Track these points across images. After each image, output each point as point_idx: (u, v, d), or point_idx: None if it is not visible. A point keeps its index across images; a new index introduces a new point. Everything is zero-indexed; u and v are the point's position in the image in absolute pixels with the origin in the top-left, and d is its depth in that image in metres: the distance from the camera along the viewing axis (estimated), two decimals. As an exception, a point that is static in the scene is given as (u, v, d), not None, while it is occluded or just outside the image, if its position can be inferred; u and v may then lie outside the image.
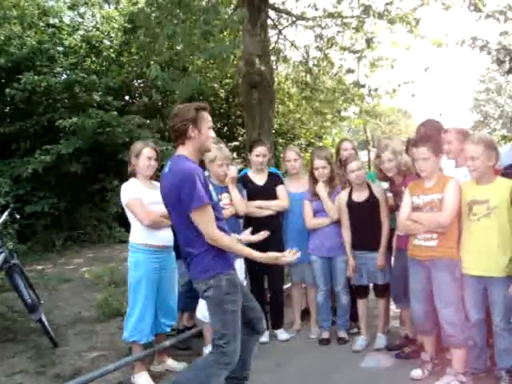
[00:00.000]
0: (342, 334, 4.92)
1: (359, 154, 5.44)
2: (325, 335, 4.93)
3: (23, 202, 9.40)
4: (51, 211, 10.07)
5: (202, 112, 3.24)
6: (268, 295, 5.20)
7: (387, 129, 21.06)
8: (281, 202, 4.99)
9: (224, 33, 9.54)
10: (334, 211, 4.78)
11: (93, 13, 13.57)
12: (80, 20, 13.14)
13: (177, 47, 9.51)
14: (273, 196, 5.00)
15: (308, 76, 11.87)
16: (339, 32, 10.92)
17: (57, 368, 4.34)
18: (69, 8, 12.92)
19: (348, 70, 11.53)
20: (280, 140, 14.64)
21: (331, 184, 4.90)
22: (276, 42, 11.20)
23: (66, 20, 12.76)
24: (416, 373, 4.01)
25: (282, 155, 5.50)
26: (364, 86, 11.52)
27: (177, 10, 8.45)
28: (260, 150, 5.05)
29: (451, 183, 3.78)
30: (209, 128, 3.27)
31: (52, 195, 10.25)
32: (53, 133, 10.53)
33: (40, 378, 4.18)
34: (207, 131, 3.25)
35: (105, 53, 12.64)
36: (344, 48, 11.08)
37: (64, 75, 11.59)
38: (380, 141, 5.09)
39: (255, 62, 8.36)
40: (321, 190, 4.82)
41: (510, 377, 3.63)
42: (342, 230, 4.77)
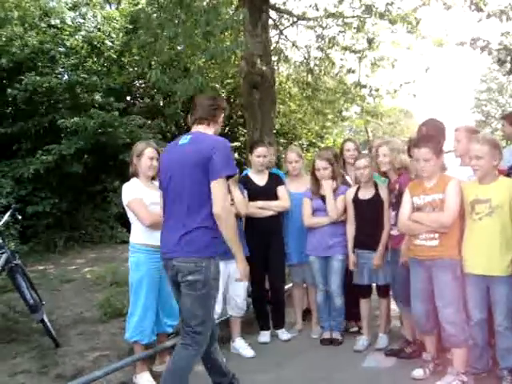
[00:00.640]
0: (337, 336, 4.90)
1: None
2: (326, 335, 4.92)
3: (25, 203, 9.40)
4: (53, 212, 10.07)
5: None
6: (269, 295, 5.21)
7: (388, 129, 21.02)
8: (282, 203, 5.00)
9: (225, 33, 9.53)
10: (335, 211, 4.78)
11: (94, 13, 13.57)
12: (81, 21, 13.14)
13: (178, 47, 9.53)
14: (274, 196, 5.01)
15: (309, 76, 11.88)
16: (340, 32, 10.94)
17: (59, 368, 4.33)
18: (70, 9, 12.92)
19: (349, 70, 11.55)
20: (281, 140, 14.64)
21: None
22: (277, 42, 11.21)
23: (68, 21, 12.77)
24: (417, 372, 4.00)
25: (284, 156, 5.51)
26: (365, 86, 11.53)
27: (178, 11, 8.46)
28: (260, 151, 5.06)
29: (452, 183, 3.79)
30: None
31: (53, 196, 10.26)
32: (54, 133, 10.55)
33: (42, 378, 4.17)
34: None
35: (106, 53, 12.64)
36: (345, 48, 11.10)
37: (65, 76, 11.62)
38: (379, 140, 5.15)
39: (256, 63, 8.38)
40: (327, 188, 4.83)
41: (512, 376, 3.64)
42: (347, 226, 4.81)
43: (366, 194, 4.73)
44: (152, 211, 4.02)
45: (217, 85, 12.83)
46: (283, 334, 5.07)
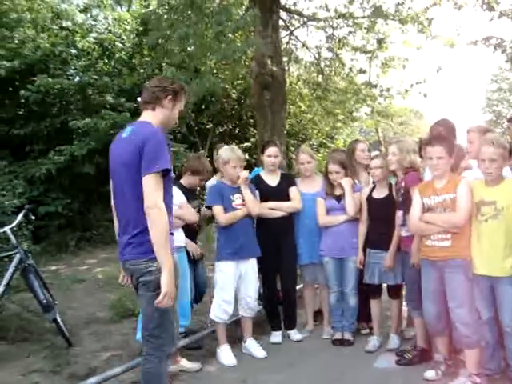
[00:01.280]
0: (348, 336, 4.90)
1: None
2: (338, 336, 4.92)
3: (37, 203, 9.46)
4: (65, 212, 10.13)
5: (183, 93, 3.17)
6: (281, 296, 5.21)
7: (399, 129, 20.94)
8: (293, 204, 5.00)
9: (236, 34, 9.56)
10: (353, 206, 4.78)
11: (105, 15, 13.66)
12: (93, 23, 13.23)
13: (188, 49, 9.56)
14: (285, 197, 5.01)
15: (320, 76, 11.89)
16: (351, 32, 10.95)
17: (71, 367, 4.37)
18: (81, 11, 13.01)
19: (360, 71, 11.55)
20: (292, 141, 14.63)
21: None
22: (288, 43, 11.23)
23: (79, 23, 12.85)
24: (429, 374, 3.99)
25: (295, 156, 5.50)
26: (376, 87, 11.52)
27: (189, 12, 8.50)
28: (272, 151, 5.07)
29: (463, 183, 3.78)
30: (180, 110, 3.18)
31: (65, 196, 10.32)
32: (66, 134, 10.61)
33: (55, 378, 4.21)
34: (177, 112, 3.17)
35: (117, 55, 12.71)
36: (355, 48, 11.09)
37: (77, 77, 11.67)
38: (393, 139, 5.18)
39: (267, 63, 8.40)
40: (346, 184, 4.82)
41: (525, 378, 3.62)
42: (359, 224, 4.82)
43: (380, 194, 4.73)
44: None
45: (227, 85, 12.85)
46: (295, 335, 5.06)
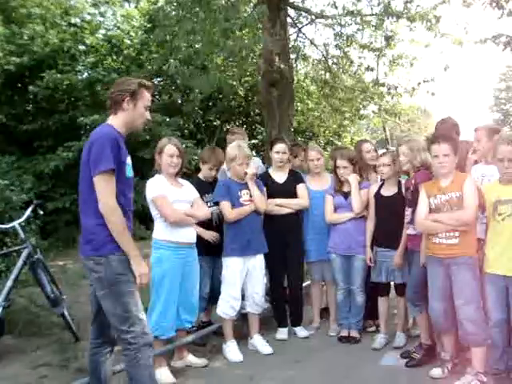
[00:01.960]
0: (354, 334, 4.91)
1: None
2: (344, 333, 4.93)
3: (45, 199, 9.49)
4: (72, 208, 10.16)
5: (144, 89, 3.15)
6: (287, 292, 5.22)
7: (406, 127, 20.86)
8: (300, 201, 5.01)
9: (243, 31, 9.54)
10: (359, 203, 4.78)
11: (113, 12, 13.68)
12: (101, 19, 13.26)
13: (196, 45, 9.56)
14: (293, 194, 5.02)
15: (327, 74, 11.83)
16: (359, 30, 10.88)
17: (79, 362, 4.38)
18: (90, 7, 13.04)
19: (367, 68, 11.48)
20: (299, 138, 14.61)
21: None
22: (295, 40, 11.18)
23: (88, 19, 12.88)
24: (436, 371, 4.00)
25: (304, 154, 5.51)
26: (383, 85, 11.46)
27: (196, 8, 8.49)
28: (280, 148, 5.08)
29: (468, 180, 3.80)
30: (145, 107, 3.17)
31: (73, 192, 10.32)
32: (74, 130, 10.64)
33: (63, 372, 4.23)
34: (143, 110, 3.15)
35: (125, 51, 12.74)
36: (363, 46, 11.02)
37: (85, 73, 11.72)
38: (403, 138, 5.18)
39: (275, 60, 8.38)
40: (353, 181, 4.83)
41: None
42: (367, 221, 4.82)
43: (389, 191, 4.72)
44: (175, 208, 4.06)
45: (234, 82, 12.85)
46: (301, 332, 5.08)
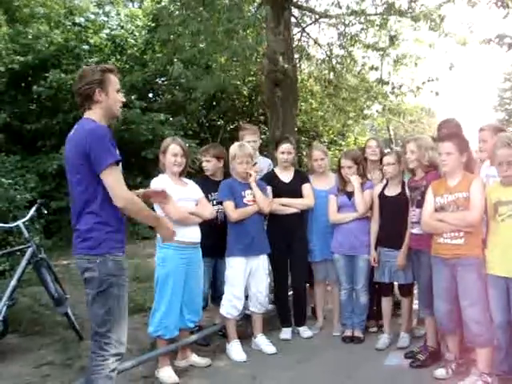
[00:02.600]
0: (358, 334, 4.90)
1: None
2: (348, 333, 4.92)
3: (49, 198, 9.52)
4: (76, 207, 10.18)
5: (109, 74, 3.01)
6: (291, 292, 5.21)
7: (410, 127, 20.82)
8: (306, 201, 4.99)
9: (247, 31, 9.55)
10: (363, 204, 4.77)
11: (117, 11, 13.71)
12: (105, 19, 13.30)
13: (200, 45, 9.57)
14: (298, 194, 5.01)
15: (331, 74, 11.85)
16: (363, 29, 10.89)
17: (82, 361, 4.38)
18: (94, 6, 13.08)
19: (371, 68, 11.48)
20: (303, 138, 14.62)
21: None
22: (299, 40, 11.20)
23: (92, 19, 12.92)
24: (440, 372, 3.98)
25: (308, 153, 5.51)
26: (387, 84, 11.45)
27: (200, 8, 8.50)
28: (285, 147, 5.08)
29: (476, 181, 3.77)
30: (117, 91, 3.06)
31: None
32: (78, 130, 10.66)
33: (66, 371, 4.23)
34: (115, 94, 3.04)
35: (129, 51, 12.77)
36: (367, 46, 11.03)
37: (89, 73, 11.72)
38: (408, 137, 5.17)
39: (279, 60, 8.38)
40: (355, 182, 4.82)
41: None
42: (371, 222, 4.80)
43: (392, 191, 4.70)
44: (179, 206, 4.05)
45: (238, 82, 12.86)
46: (305, 332, 5.06)
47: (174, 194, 4.06)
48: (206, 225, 4.44)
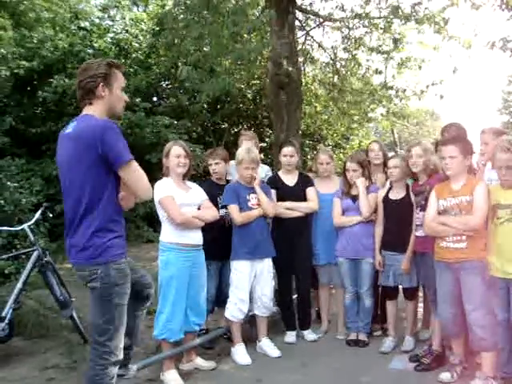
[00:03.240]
0: (363, 337, 4.90)
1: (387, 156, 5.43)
2: (352, 336, 4.92)
3: (53, 201, 9.54)
4: (80, 211, 10.19)
5: (115, 69, 2.90)
6: (295, 296, 5.22)
7: (414, 130, 20.83)
8: (310, 204, 4.99)
9: (251, 34, 9.57)
10: (367, 207, 4.77)
11: (122, 15, 13.76)
12: (110, 23, 13.36)
13: (204, 48, 9.59)
14: (302, 197, 5.01)
15: (335, 77, 11.84)
16: (367, 33, 10.88)
17: (87, 364, 4.38)
18: (99, 11, 13.14)
19: (376, 71, 11.47)
20: (307, 141, 14.62)
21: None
22: (303, 43, 11.21)
23: (97, 23, 12.97)
24: (445, 376, 3.97)
25: (315, 157, 5.52)
26: (392, 88, 11.45)
27: (205, 12, 8.52)
28: (287, 151, 5.08)
29: (480, 186, 3.75)
30: (121, 89, 2.94)
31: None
32: (83, 133, 10.69)
33: (71, 374, 4.25)
34: (119, 92, 2.92)
35: (133, 55, 12.81)
36: (372, 49, 11.02)
37: (94, 77, 11.76)
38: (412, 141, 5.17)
39: (283, 64, 8.38)
40: (360, 185, 4.82)
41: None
42: (376, 226, 4.80)
43: (397, 195, 4.70)
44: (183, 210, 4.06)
45: (243, 85, 12.88)
46: (309, 335, 5.06)
47: (177, 199, 4.07)
48: (215, 228, 4.45)
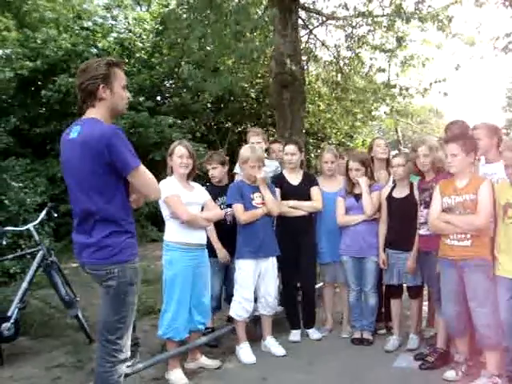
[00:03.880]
0: (367, 336, 4.90)
1: (390, 154, 5.44)
2: (357, 335, 4.91)
3: (58, 201, 9.56)
4: (85, 210, 10.21)
5: (115, 68, 2.81)
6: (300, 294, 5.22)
7: (418, 128, 20.75)
8: (314, 204, 4.99)
9: (254, 33, 9.57)
10: (371, 206, 4.77)
11: (125, 15, 13.78)
12: (113, 23, 13.38)
13: (207, 47, 9.61)
14: (306, 196, 5.00)
15: (339, 75, 11.85)
16: (370, 31, 10.89)
17: (93, 363, 4.38)
18: (103, 10, 13.15)
19: (379, 70, 11.47)
20: (311, 140, 14.61)
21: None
22: (307, 42, 11.22)
23: (100, 23, 13.00)
24: (449, 374, 3.96)
25: (320, 155, 5.51)
26: (395, 87, 11.44)
27: (207, 11, 8.53)
28: (288, 149, 5.08)
29: (485, 184, 3.74)
30: (123, 87, 2.86)
31: (86, 194, 10.41)
32: (87, 133, 10.72)
33: (77, 373, 4.27)
34: (121, 90, 2.84)
35: (137, 54, 12.83)
36: (375, 47, 11.02)
37: (98, 77, 11.79)
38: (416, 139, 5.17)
39: (286, 62, 8.39)
40: (363, 183, 4.82)
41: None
42: (379, 224, 4.79)
43: (401, 193, 4.69)
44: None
45: (246, 84, 12.88)
46: (314, 333, 5.07)
47: (182, 198, 4.08)
48: (217, 228, 4.45)
